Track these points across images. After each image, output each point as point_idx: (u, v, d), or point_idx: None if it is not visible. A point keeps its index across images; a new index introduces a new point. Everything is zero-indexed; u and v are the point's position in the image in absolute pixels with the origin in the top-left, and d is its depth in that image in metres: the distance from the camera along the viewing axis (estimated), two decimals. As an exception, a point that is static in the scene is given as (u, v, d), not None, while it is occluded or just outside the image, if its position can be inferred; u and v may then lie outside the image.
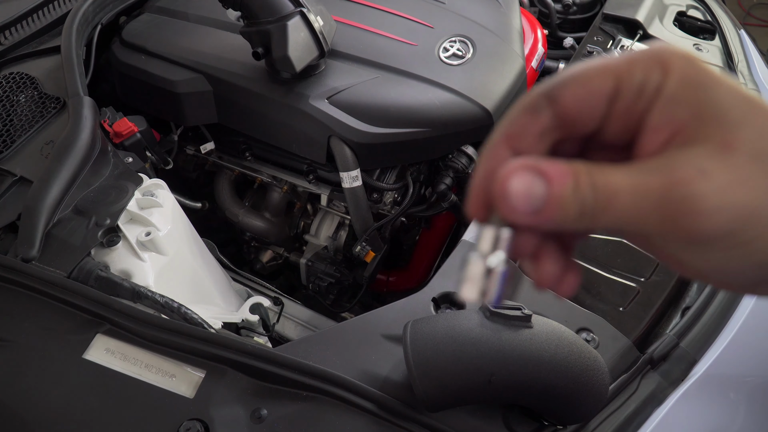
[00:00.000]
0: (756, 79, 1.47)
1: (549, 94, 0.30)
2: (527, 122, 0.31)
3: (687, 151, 0.28)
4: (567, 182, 0.28)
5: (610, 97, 0.30)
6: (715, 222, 0.27)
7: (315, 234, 1.51)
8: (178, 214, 1.14)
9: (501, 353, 0.76)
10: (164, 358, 0.83)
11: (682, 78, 0.28)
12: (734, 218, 0.27)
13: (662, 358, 0.91)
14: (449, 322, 0.80)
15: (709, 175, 0.27)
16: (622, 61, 0.29)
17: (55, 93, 1.20)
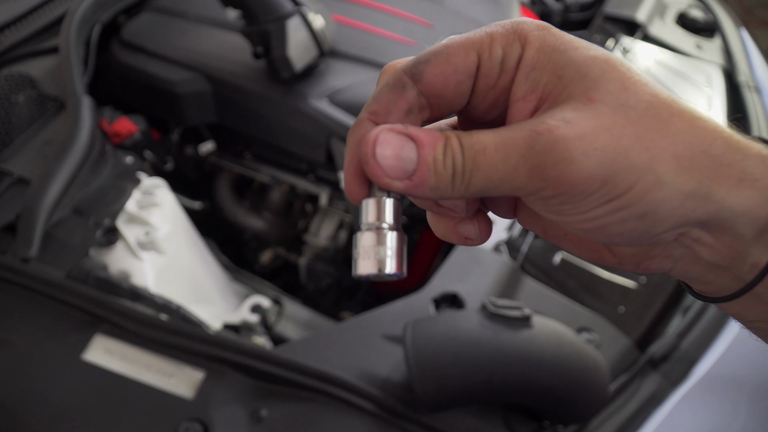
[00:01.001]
0: (756, 77, 1.46)
1: (412, 71, 0.30)
2: (392, 99, 0.30)
3: (553, 109, 0.28)
4: (437, 144, 0.28)
5: (472, 74, 0.30)
6: (584, 169, 0.27)
7: (315, 234, 1.51)
8: (177, 213, 1.14)
9: (501, 354, 0.75)
10: (163, 358, 0.83)
11: (540, 46, 0.28)
12: (602, 163, 0.27)
13: (663, 358, 0.91)
14: (449, 322, 0.80)
15: (573, 123, 0.27)
16: (484, 36, 0.29)
17: (54, 93, 1.20)
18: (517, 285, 0.99)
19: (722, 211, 0.28)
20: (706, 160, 0.27)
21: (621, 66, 0.28)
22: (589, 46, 0.29)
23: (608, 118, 0.27)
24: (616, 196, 0.27)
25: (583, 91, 0.28)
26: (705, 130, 0.28)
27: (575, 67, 0.28)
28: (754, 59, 1.54)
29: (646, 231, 0.29)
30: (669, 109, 0.27)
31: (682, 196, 0.27)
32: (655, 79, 1.32)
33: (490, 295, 0.95)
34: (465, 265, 1.00)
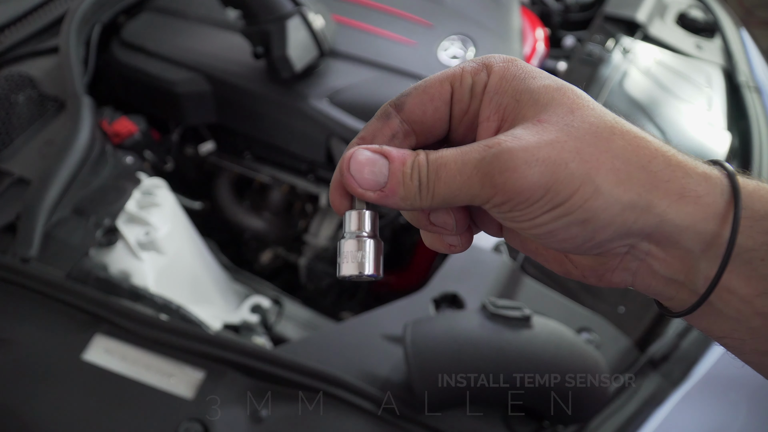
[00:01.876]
0: (756, 77, 1.46)
1: (396, 102, 0.34)
2: (378, 127, 0.35)
3: (507, 131, 0.32)
4: (407, 159, 0.33)
5: (447, 101, 0.34)
6: (527, 177, 0.30)
7: (315, 234, 1.51)
8: (177, 213, 1.14)
9: (501, 354, 0.75)
10: (163, 358, 0.83)
11: (503, 74, 0.33)
12: (543, 173, 0.30)
13: (663, 358, 0.91)
14: (449, 322, 0.80)
15: (519, 138, 0.30)
16: (456, 69, 0.34)
17: (54, 93, 1.20)
18: (517, 285, 0.99)
19: (665, 225, 0.30)
20: (645, 174, 0.30)
21: (571, 93, 0.32)
22: (547, 76, 0.33)
23: (552, 134, 0.30)
24: (558, 204, 0.30)
25: (534, 114, 0.31)
26: (645, 149, 0.30)
27: (530, 93, 0.32)
28: (754, 59, 1.54)
29: (590, 237, 0.31)
30: (611, 129, 0.31)
31: (621, 206, 0.30)
32: (655, 79, 1.31)
33: (490, 295, 0.95)
34: (465, 266, 1.00)
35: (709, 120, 1.34)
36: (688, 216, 0.30)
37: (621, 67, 1.43)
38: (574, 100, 0.31)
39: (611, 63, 1.44)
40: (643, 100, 1.36)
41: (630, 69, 1.43)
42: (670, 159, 0.31)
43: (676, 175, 0.30)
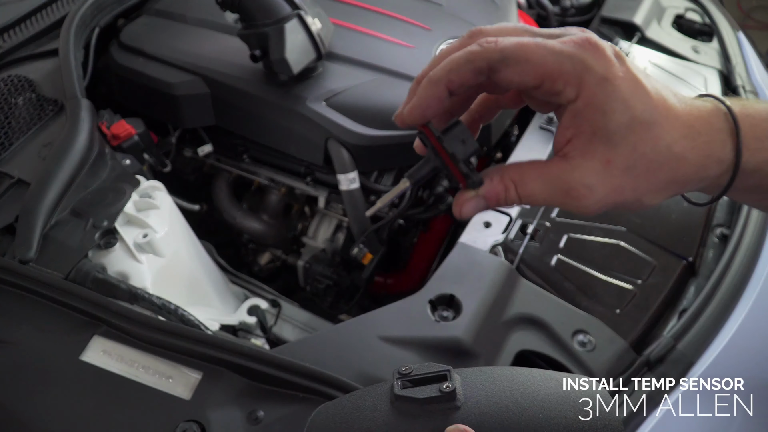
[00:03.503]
0: (753, 81, 1.47)
1: (493, 66, 0.39)
2: (469, 78, 0.40)
3: (581, 164, 0.40)
4: (500, 195, 0.42)
5: (533, 86, 0.40)
6: (592, 210, 0.41)
7: (313, 236, 1.51)
8: (175, 216, 1.14)
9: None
10: (161, 359, 0.83)
11: (588, 101, 0.39)
12: (604, 207, 0.41)
13: (659, 360, 0.91)
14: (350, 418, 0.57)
15: (593, 190, 0.40)
16: (554, 67, 0.38)
17: (52, 96, 1.20)
18: (514, 287, 0.99)
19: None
20: (676, 186, 0.42)
21: (638, 129, 0.39)
22: (623, 110, 0.39)
23: (617, 180, 0.40)
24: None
25: (604, 153, 0.39)
26: (682, 168, 0.40)
27: (605, 131, 0.39)
28: (751, 63, 1.54)
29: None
30: (661, 161, 0.40)
31: (658, 201, 0.42)
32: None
33: (487, 296, 0.95)
34: (462, 267, 1.01)
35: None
36: (703, 188, 0.43)
37: (618, 70, 1.44)
38: (639, 137, 0.39)
39: (608, 66, 1.45)
40: (640, 102, 1.36)
41: (627, 72, 1.44)
42: (693, 178, 0.41)
43: (692, 182, 0.42)
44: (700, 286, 1.05)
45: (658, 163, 0.40)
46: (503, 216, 1.12)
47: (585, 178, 0.40)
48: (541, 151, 1.24)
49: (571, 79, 0.38)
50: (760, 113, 0.41)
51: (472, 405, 0.47)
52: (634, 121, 0.39)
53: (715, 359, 0.92)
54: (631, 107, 0.39)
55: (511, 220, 1.11)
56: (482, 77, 0.40)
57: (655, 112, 0.39)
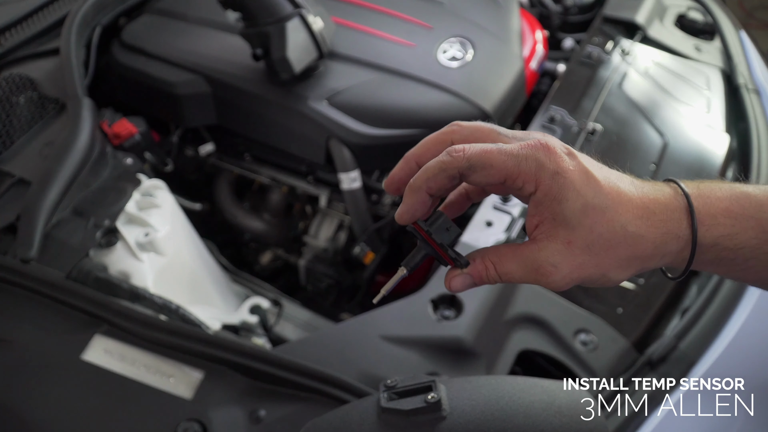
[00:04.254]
0: (756, 79, 1.47)
1: (463, 173, 0.45)
2: (444, 184, 0.46)
3: (547, 246, 0.45)
4: (482, 274, 0.48)
5: (498, 184, 0.46)
6: (560, 287, 0.46)
7: (314, 235, 1.51)
8: (177, 215, 1.14)
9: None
10: (162, 358, 0.83)
11: (545, 192, 0.44)
12: (571, 283, 0.46)
13: (661, 359, 0.91)
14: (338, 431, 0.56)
15: (558, 267, 0.45)
16: (513, 169, 0.44)
17: (54, 94, 1.20)
18: (515, 286, 0.99)
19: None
20: (638, 262, 0.46)
21: (592, 213, 0.44)
22: (575, 198, 0.44)
23: (580, 258, 0.45)
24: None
25: (565, 235, 0.45)
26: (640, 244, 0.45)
27: (563, 217, 0.44)
28: (753, 61, 1.54)
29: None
30: (618, 238, 0.44)
31: (624, 277, 0.47)
32: (654, 82, 1.31)
33: (489, 295, 0.95)
34: (463, 267, 1.00)
35: (708, 122, 1.35)
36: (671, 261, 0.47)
37: (620, 69, 1.44)
38: (594, 219, 0.44)
39: (610, 65, 1.45)
40: (643, 102, 1.36)
41: (629, 71, 1.44)
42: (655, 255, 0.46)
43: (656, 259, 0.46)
44: (702, 285, 1.04)
45: (615, 242, 0.44)
46: (505, 215, 1.12)
47: (550, 258, 0.45)
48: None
49: (528, 177, 0.44)
50: (715, 192, 0.46)
51: (458, 415, 0.48)
52: (587, 206, 0.44)
53: (717, 359, 0.92)
54: (583, 195, 0.44)
55: (512, 219, 1.11)
56: (455, 181, 0.46)
57: (606, 198, 0.44)
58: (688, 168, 1.23)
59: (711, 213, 0.45)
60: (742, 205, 0.45)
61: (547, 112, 1.32)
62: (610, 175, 0.46)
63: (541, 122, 1.30)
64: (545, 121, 1.30)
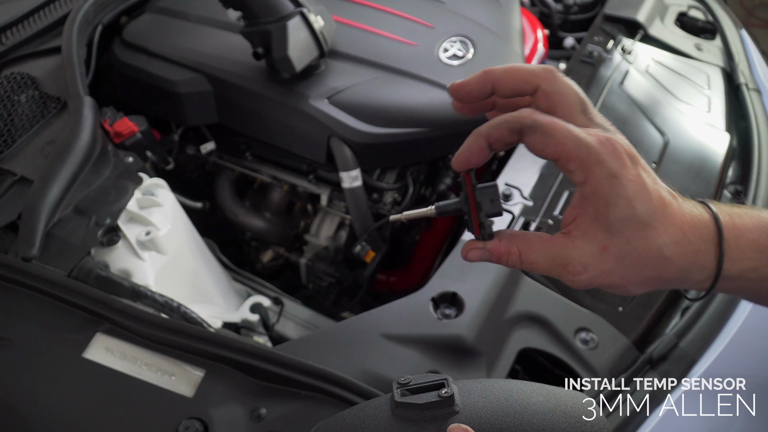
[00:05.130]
0: (756, 78, 1.47)
1: (524, 130, 0.45)
2: (505, 135, 0.46)
3: (582, 245, 0.45)
4: (504, 256, 0.48)
5: (552, 158, 0.45)
6: (582, 288, 0.47)
7: (315, 234, 1.51)
8: (178, 213, 1.15)
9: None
10: (164, 357, 0.83)
11: (595, 189, 0.44)
12: (593, 284, 0.46)
13: (661, 358, 0.91)
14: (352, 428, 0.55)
15: (587, 269, 0.45)
16: (571, 150, 0.44)
17: (55, 93, 1.20)
18: (516, 284, 0.99)
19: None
20: (659, 282, 0.46)
21: (635, 224, 0.44)
22: (624, 206, 0.43)
23: (610, 265, 0.45)
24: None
25: (602, 239, 0.44)
26: (666, 268, 0.45)
27: (605, 220, 0.44)
28: (754, 60, 1.54)
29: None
30: (649, 258, 0.44)
31: (641, 292, 0.47)
32: (655, 81, 1.30)
33: (490, 294, 0.95)
34: (464, 265, 1.00)
35: (708, 121, 1.35)
36: (692, 285, 0.47)
37: (621, 68, 1.44)
38: (634, 233, 0.44)
39: (611, 64, 1.45)
40: (643, 101, 1.36)
41: (630, 70, 1.44)
42: (677, 278, 0.45)
43: (676, 282, 0.46)
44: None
45: (646, 260, 0.44)
46: (506, 214, 1.12)
47: (582, 258, 0.45)
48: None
49: (581, 165, 0.44)
50: (745, 223, 0.46)
51: (470, 410, 0.50)
52: (633, 218, 0.44)
53: (718, 357, 0.92)
54: (633, 206, 0.43)
55: (513, 218, 1.11)
56: (515, 137, 0.45)
57: (653, 215, 0.44)
58: (688, 167, 1.23)
59: (740, 246, 0.45)
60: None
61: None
62: (661, 191, 0.46)
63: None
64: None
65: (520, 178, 1.18)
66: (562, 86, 0.47)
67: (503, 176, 1.19)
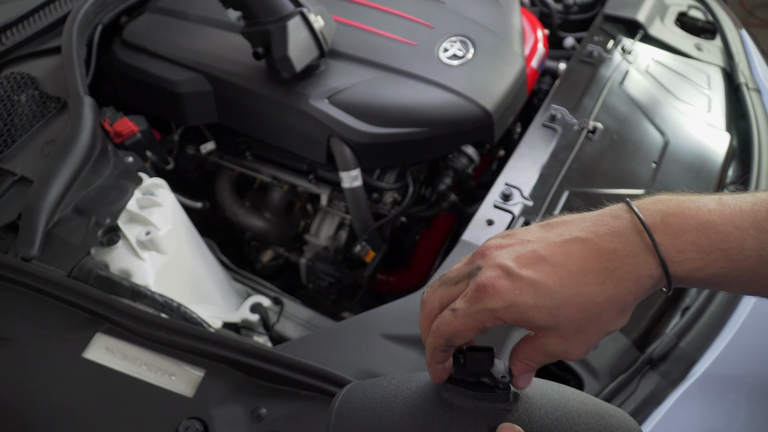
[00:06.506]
0: (756, 78, 1.47)
1: (449, 345, 0.48)
2: (446, 355, 0.50)
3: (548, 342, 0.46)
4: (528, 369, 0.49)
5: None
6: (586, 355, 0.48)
7: (315, 234, 1.51)
8: (178, 213, 1.15)
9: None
10: (164, 357, 0.83)
11: (514, 322, 0.45)
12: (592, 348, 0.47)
13: (661, 358, 0.91)
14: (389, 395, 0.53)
15: (570, 352, 0.46)
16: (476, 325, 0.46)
17: (55, 93, 1.20)
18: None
19: None
20: (629, 307, 0.47)
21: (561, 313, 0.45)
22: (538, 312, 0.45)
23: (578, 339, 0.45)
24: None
25: (554, 334, 0.45)
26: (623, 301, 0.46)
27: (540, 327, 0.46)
28: (754, 60, 1.54)
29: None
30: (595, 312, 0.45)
31: (626, 321, 0.48)
32: (655, 80, 1.31)
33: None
34: (464, 265, 1.00)
35: (709, 121, 1.35)
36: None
37: (621, 68, 1.44)
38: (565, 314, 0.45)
39: (611, 64, 1.45)
40: (643, 100, 1.36)
41: (630, 70, 1.44)
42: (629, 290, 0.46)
43: (639, 294, 0.46)
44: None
45: (596, 313, 0.45)
46: (506, 214, 1.12)
47: (558, 348, 0.46)
48: (543, 148, 1.24)
49: (491, 320, 0.46)
50: (680, 224, 0.44)
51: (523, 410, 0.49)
52: (550, 310, 0.44)
53: (718, 357, 0.92)
54: (540, 306, 0.44)
55: (513, 218, 1.11)
56: (450, 349, 0.49)
57: (560, 291, 0.44)
58: (689, 167, 1.23)
59: (678, 248, 0.44)
60: (709, 238, 0.44)
61: (548, 111, 1.32)
62: (556, 260, 0.45)
63: (541, 121, 1.30)
64: (546, 120, 1.30)
65: (520, 178, 1.18)
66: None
67: (503, 176, 1.19)
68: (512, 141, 1.55)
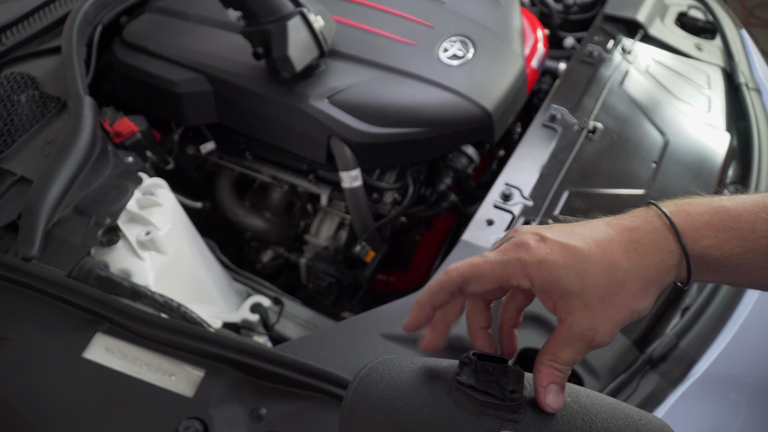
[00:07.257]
0: (756, 78, 1.47)
1: (461, 287, 0.50)
2: (446, 299, 0.51)
3: (574, 320, 0.47)
4: (556, 377, 0.48)
5: (495, 289, 0.50)
6: (612, 340, 0.49)
7: (315, 234, 1.51)
8: (178, 213, 1.15)
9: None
10: (164, 357, 0.83)
11: (540, 281, 0.47)
12: (617, 331, 0.48)
13: (661, 358, 0.91)
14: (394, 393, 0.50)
15: (597, 330, 0.47)
16: (502, 274, 0.48)
17: (55, 93, 1.20)
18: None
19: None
20: (654, 286, 0.48)
21: (588, 276, 0.47)
22: (566, 271, 0.47)
23: (603, 311, 0.47)
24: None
25: (577, 303, 0.47)
26: (648, 275, 0.47)
27: (566, 291, 0.47)
28: (754, 60, 1.54)
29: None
30: (619, 280, 0.47)
31: (650, 303, 0.49)
32: (655, 80, 1.31)
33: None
34: (464, 265, 1.00)
35: (709, 121, 1.35)
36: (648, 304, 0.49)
37: (621, 68, 1.44)
38: (591, 278, 0.47)
39: (611, 63, 1.45)
40: (643, 100, 1.36)
41: (630, 70, 1.44)
42: (652, 266, 0.47)
43: (663, 271, 0.48)
44: (703, 284, 1.04)
45: (620, 283, 0.47)
46: (506, 214, 1.12)
47: (584, 326, 0.47)
48: (543, 148, 1.24)
49: (518, 276, 0.48)
50: (694, 208, 0.49)
51: (531, 421, 0.47)
52: (578, 271, 0.47)
53: (718, 357, 0.92)
54: (570, 265, 0.47)
55: (513, 218, 1.11)
56: (455, 296, 0.51)
57: (589, 254, 0.47)
58: (689, 167, 1.23)
59: (694, 227, 0.48)
60: (722, 218, 0.48)
61: (548, 111, 1.32)
62: (584, 232, 0.49)
63: (541, 121, 1.30)
64: (546, 120, 1.30)
65: (520, 178, 1.18)
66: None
67: (503, 176, 1.19)
68: (512, 141, 1.55)
